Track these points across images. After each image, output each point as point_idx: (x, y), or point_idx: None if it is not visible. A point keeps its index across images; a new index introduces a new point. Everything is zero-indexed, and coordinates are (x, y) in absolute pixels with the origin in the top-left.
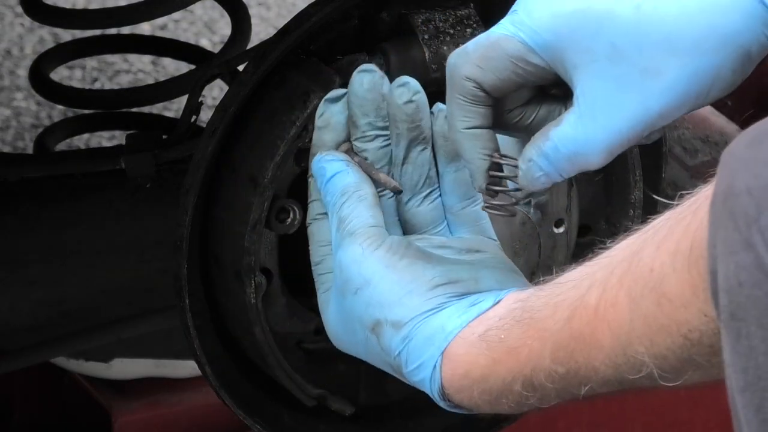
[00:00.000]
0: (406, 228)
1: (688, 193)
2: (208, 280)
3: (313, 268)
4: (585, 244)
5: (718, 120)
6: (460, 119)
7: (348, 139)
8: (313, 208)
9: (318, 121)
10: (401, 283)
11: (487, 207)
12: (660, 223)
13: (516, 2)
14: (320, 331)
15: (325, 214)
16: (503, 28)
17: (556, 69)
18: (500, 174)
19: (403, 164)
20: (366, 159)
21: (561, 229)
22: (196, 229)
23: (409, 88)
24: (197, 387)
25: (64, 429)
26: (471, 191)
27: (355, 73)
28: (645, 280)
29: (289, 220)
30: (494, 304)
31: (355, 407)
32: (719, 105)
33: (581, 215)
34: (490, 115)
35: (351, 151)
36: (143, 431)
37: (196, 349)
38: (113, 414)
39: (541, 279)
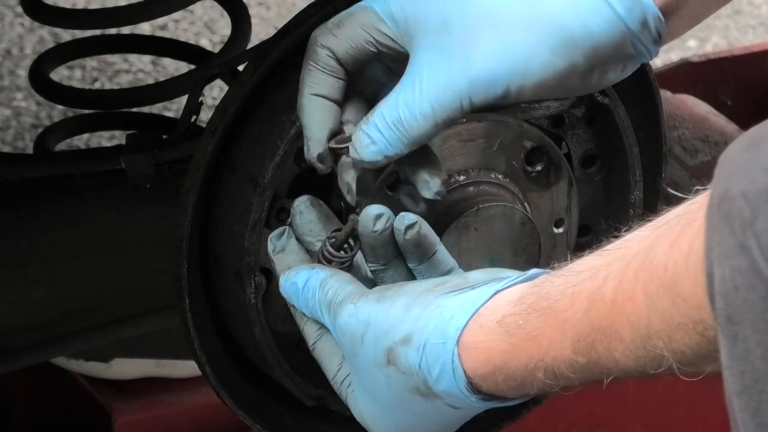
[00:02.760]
0: None
1: (702, 189)
2: (208, 280)
3: (332, 382)
4: (585, 244)
5: (718, 120)
6: (309, 84)
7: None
8: (310, 331)
9: (274, 256)
10: (396, 305)
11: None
12: (674, 218)
13: None
14: None
15: (323, 330)
16: (365, 1)
17: (402, 41)
18: (337, 147)
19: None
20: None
21: (561, 229)
22: (196, 229)
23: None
24: (197, 387)
25: (64, 429)
26: (444, 269)
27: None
28: (660, 278)
29: (289, 220)
30: (497, 292)
31: None
32: (719, 105)
33: (581, 215)
34: (340, 90)
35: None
36: (143, 431)
37: (196, 349)
38: (113, 414)
39: (553, 264)
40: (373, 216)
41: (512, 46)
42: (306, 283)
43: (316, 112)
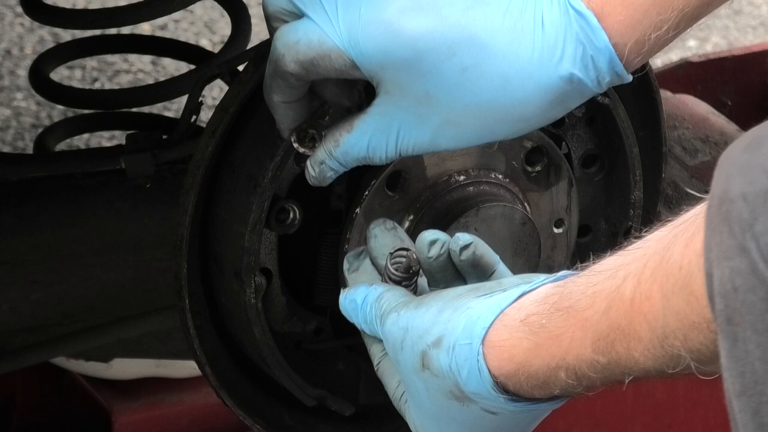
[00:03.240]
0: None
1: None
2: (208, 280)
3: (392, 399)
4: (585, 244)
5: (718, 120)
6: (276, 93)
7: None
8: (375, 351)
9: (348, 275)
10: (431, 311)
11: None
12: (690, 217)
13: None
14: (320, 331)
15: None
16: (338, 38)
17: (373, 83)
18: (302, 152)
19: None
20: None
21: (561, 229)
22: (196, 229)
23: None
24: (197, 387)
25: (64, 429)
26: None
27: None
28: (675, 277)
29: (289, 220)
30: (524, 294)
31: (355, 407)
32: (719, 105)
33: (581, 215)
34: (304, 90)
35: None
36: (143, 431)
37: (196, 349)
38: (113, 414)
39: (579, 265)
40: (427, 242)
41: (495, 132)
42: (365, 299)
43: (285, 113)
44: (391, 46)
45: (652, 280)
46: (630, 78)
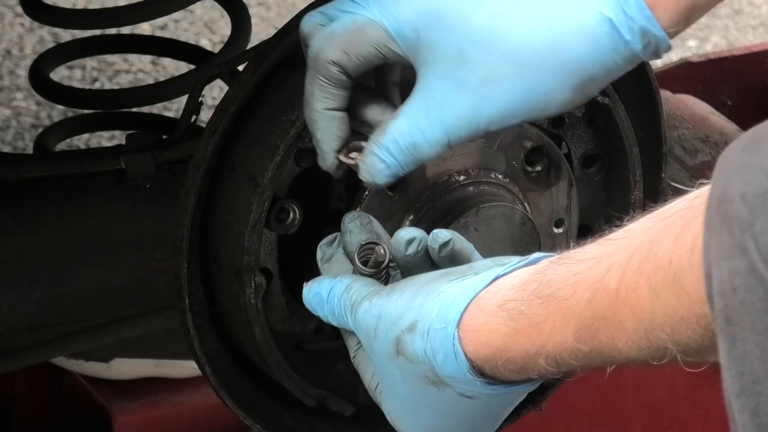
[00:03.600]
0: None
1: (707, 182)
2: (208, 280)
3: (368, 390)
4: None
5: (718, 120)
6: (320, 100)
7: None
8: (351, 343)
9: (321, 265)
10: (404, 297)
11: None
12: (678, 211)
13: None
14: (320, 330)
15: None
16: (370, 12)
17: (411, 60)
18: (348, 161)
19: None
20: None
21: (561, 229)
22: (196, 229)
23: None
24: (197, 387)
25: (64, 429)
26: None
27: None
28: (664, 271)
29: (289, 220)
30: (498, 277)
31: (355, 407)
32: (719, 105)
33: (581, 215)
34: (348, 98)
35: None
36: (143, 431)
37: (196, 349)
38: (113, 414)
39: (556, 249)
40: (404, 242)
41: (535, 86)
42: (330, 292)
43: (328, 126)
44: (420, 2)
45: (638, 272)
46: (663, 33)
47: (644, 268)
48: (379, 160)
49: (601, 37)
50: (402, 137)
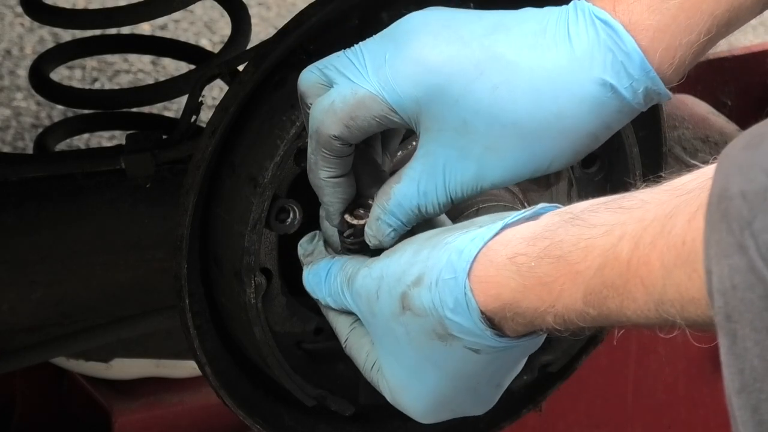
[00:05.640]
0: None
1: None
2: (208, 280)
3: (363, 371)
4: None
5: (718, 120)
6: (324, 169)
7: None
8: (342, 329)
9: (304, 259)
10: (406, 254)
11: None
12: (693, 189)
13: (384, 48)
14: (320, 330)
15: (354, 325)
16: (369, 84)
17: (411, 126)
18: (351, 240)
19: None
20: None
21: None
22: (196, 229)
23: None
24: (197, 387)
25: (64, 429)
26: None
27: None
28: (678, 250)
29: (289, 220)
30: (506, 226)
31: (355, 407)
32: (719, 105)
33: None
34: (350, 162)
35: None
36: (143, 431)
37: (196, 349)
38: (113, 414)
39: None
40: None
41: (537, 153)
42: (329, 272)
43: (333, 192)
44: (420, 76)
45: (651, 246)
46: (666, 90)
47: (657, 243)
48: (386, 225)
49: (605, 102)
50: (407, 201)
